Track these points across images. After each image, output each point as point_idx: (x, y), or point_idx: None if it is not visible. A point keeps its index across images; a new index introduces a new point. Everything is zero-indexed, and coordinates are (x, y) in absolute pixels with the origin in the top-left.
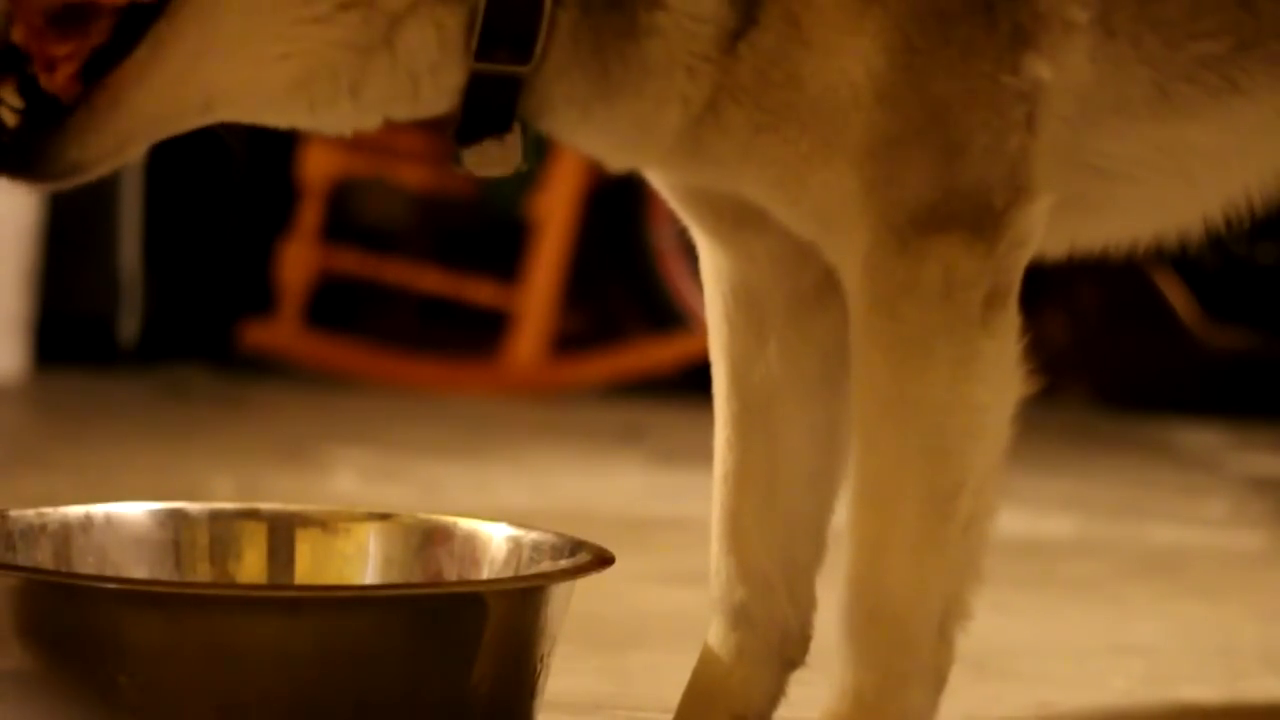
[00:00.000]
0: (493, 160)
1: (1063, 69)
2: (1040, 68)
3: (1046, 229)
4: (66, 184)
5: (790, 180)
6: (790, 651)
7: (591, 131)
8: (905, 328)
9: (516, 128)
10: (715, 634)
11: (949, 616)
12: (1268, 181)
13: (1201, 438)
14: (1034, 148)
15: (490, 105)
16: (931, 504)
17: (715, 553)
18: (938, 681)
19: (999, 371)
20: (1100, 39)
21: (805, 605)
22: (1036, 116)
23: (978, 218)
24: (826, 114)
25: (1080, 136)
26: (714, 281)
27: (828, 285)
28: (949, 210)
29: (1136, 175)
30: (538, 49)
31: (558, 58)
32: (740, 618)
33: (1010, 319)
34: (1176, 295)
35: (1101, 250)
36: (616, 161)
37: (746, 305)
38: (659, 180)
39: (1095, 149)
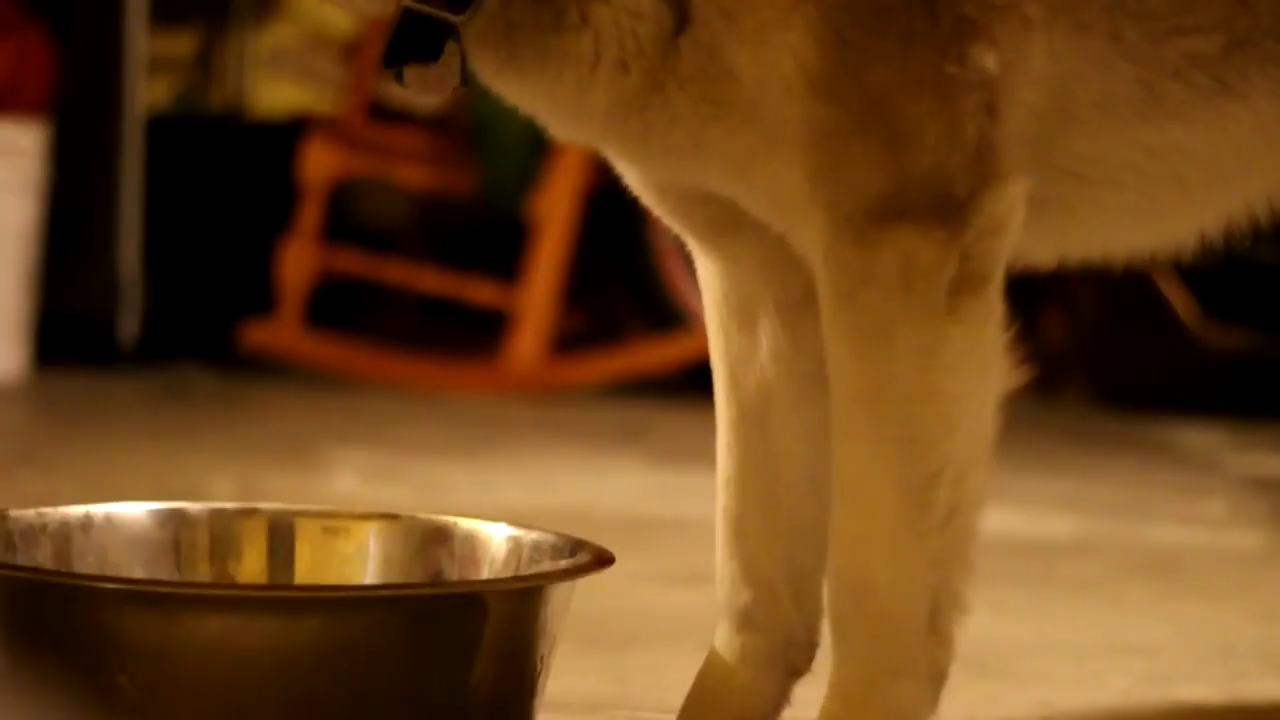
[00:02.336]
0: (430, 82)
1: (1024, 62)
2: (988, 59)
3: (1033, 239)
4: None
5: (742, 172)
6: (795, 657)
7: (507, 92)
8: (865, 317)
9: (450, 52)
10: (721, 637)
11: (940, 610)
12: (1271, 192)
13: (1201, 438)
14: (999, 134)
15: (414, 38)
16: (907, 494)
17: (719, 557)
18: (934, 677)
19: (971, 360)
20: (1064, 35)
21: (811, 610)
22: (998, 104)
23: (938, 205)
24: (764, 107)
25: (1056, 134)
26: (709, 287)
27: (816, 287)
28: (904, 199)
29: (1120, 180)
30: (471, 9)
31: (480, 23)
32: (745, 621)
33: (986, 307)
34: (1176, 295)
35: (1098, 260)
36: (552, 128)
37: (739, 310)
38: (640, 187)
39: (1073, 152)
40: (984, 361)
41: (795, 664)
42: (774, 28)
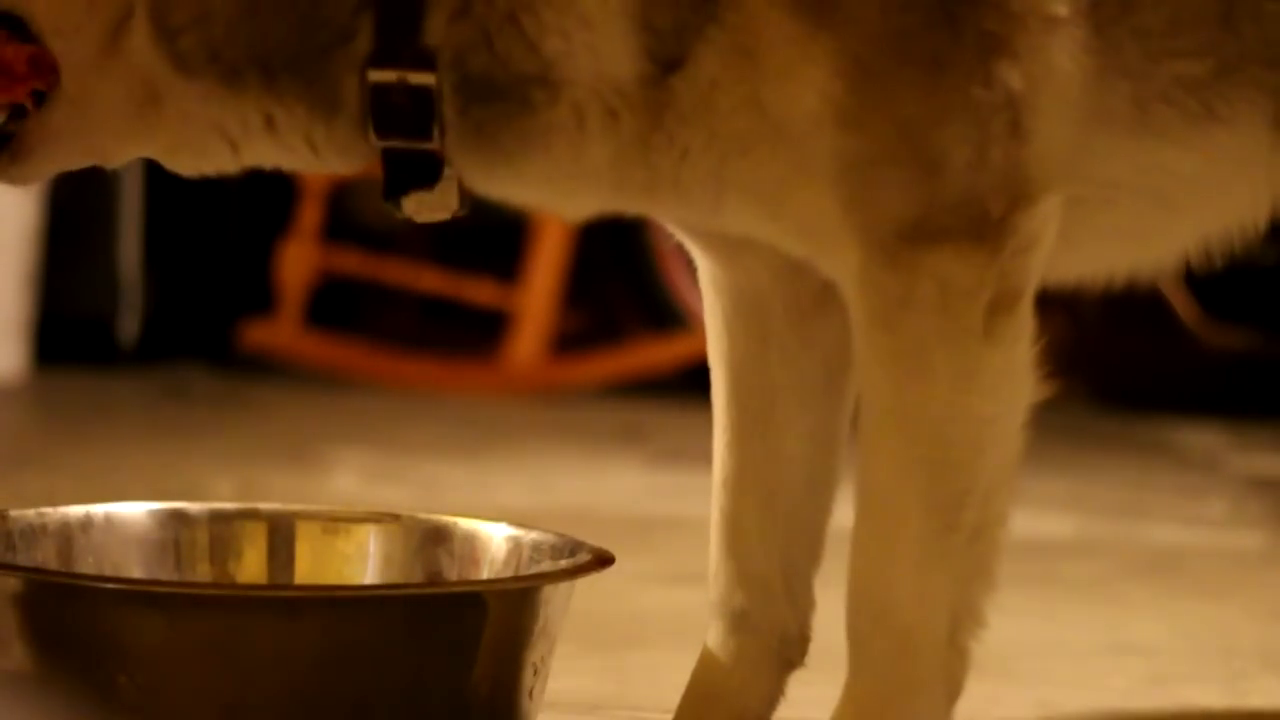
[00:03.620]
0: (430, 206)
1: (1048, 70)
2: (1014, 77)
3: None
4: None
5: (769, 202)
6: (789, 653)
7: (506, 192)
8: (903, 341)
9: (448, 176)
10: (714, 637)
11: (960, 625)
12: (1256, 214)
13: (1201, 438)
14: (1025, 154)
15: (408, 170)
16: (935, 514)
17: (714, 557)
18: (950, 690)
19: (1005, 381)
20: (1087, 35)
21: (804, 607)
22: (1022, 123)
23: (974, 227)
24: (791, 138)
25: (1079, 144)
26: (712, 289)
27: (827, 291)
28: (939, 223)
29: (1113, 200)
30: (436, 130)
31: (452, 137)
32: (740, 622)
33: (1019, 325)
34: (1176, 295)
35: (1074, 282)
36: (565, 209)
37: (746, 313)
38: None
39: (1078, 173)
40: (1017, 382)
41: (789, 660)
42: (795, 63)
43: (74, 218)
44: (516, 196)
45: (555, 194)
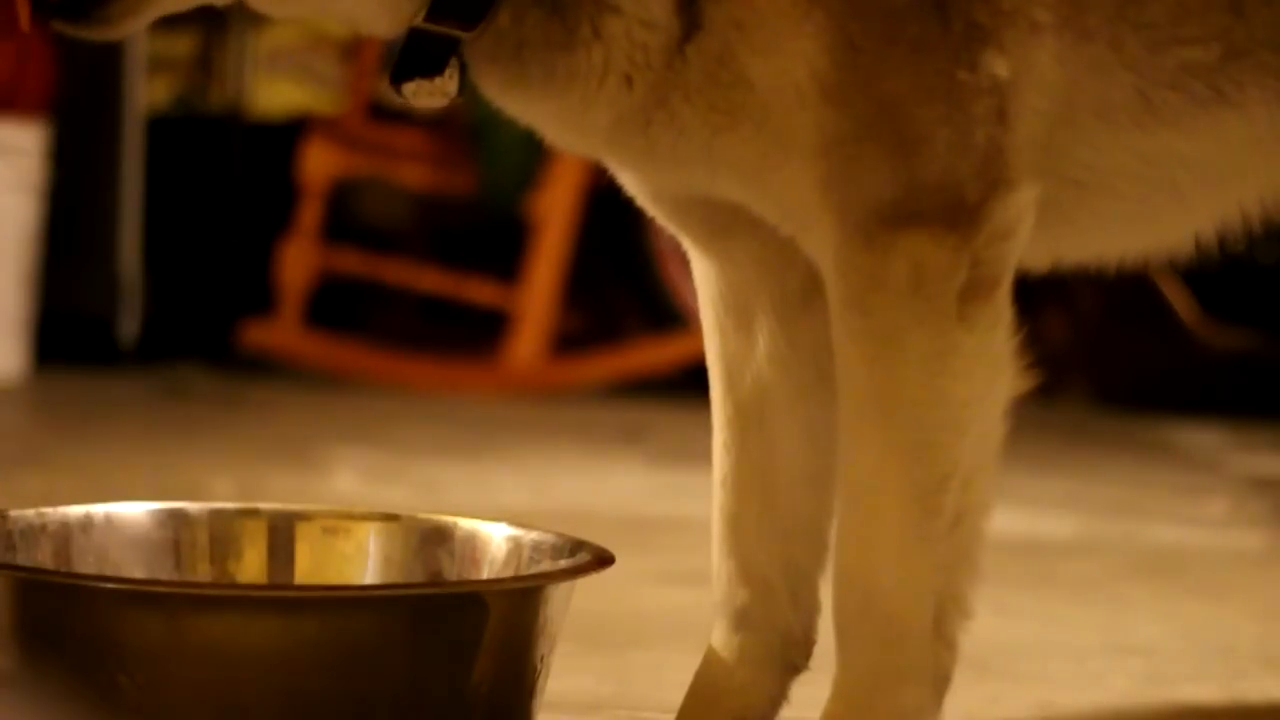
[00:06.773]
0: (428, 93)
1: (1031, 67)
2: (999, 65)
3: (1031, 244)
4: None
5: (753, 178)
6: (793, 655)
7: (511, 108)
8: (876, 323)
9: (452, 64)
10: (718, 637)
11: (946, 614)
12: (1265, 199)
13: (1201, 438)
14: (1009, 140)
15: (425, 56)
16: (915, 499)
17: (716, 556)
18: (938, 680)
19: (981, 366)
20: (1070, 41)
21: (808, 608)
22: (1008, 110)
23: (950, 211)
24: (777, 113)
25: (1058, 138)
26: (704, 286)
27: (814, 287)
28: (915, 205)
29: (1117, 187)
30: (483, 23)
31: (489, 42)
32: (742, 621)
33: (995, 312)
34: (1176, 295)
35: (1091, 264)
36: (554, 141)
37: (735, 309)
38: (636, 190)
39: (1073, 159)
40: (993, 367)
41: (793, 662)
42: (786, 36)
43: (74, 218)
44: (519, 116)
45: (552, 130)
